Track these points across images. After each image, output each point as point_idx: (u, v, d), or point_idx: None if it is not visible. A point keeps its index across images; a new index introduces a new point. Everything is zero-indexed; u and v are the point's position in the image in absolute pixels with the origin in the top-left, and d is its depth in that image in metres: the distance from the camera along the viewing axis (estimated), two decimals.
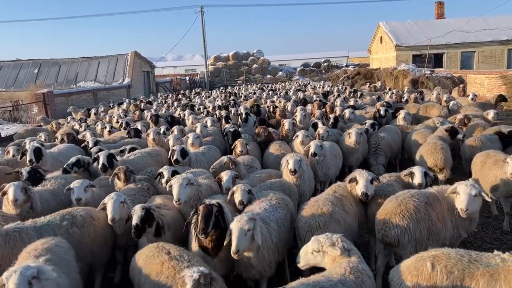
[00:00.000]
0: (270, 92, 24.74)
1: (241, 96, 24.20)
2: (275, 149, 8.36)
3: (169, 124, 12.54)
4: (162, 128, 10.53)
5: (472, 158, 7.29)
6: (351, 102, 15.43)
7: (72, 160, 7.11)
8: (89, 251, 4.80)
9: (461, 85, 18.77)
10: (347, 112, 11.88)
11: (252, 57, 61.82)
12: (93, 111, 17.99)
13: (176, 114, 15.07)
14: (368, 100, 16.55)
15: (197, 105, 18.58)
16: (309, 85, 32.75)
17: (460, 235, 4.82)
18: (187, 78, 54.05)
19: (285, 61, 76.87)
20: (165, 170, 6.07)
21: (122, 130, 11.79)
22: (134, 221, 4.51)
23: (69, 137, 9.98)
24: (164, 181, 5.91)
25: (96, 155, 7.11)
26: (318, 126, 9.53)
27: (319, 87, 28.24)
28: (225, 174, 5.86)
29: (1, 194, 5.41)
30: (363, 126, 9.79)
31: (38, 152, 7.64)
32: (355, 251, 3.75)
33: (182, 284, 3.30)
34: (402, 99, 16.29)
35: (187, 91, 36.11)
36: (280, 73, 58.52)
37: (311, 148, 7.39)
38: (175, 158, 7.23)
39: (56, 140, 10.71)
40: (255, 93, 25.67)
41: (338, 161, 8.32)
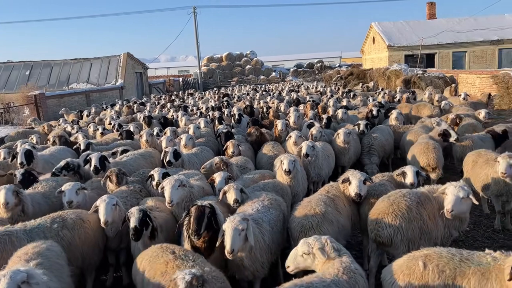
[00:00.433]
0: (264, 93, 24.75)
1: (235, 97, 24.17)
2: (268, 150, 8.35)
3: (162, 126, 12.48)
4: (155, 129, 10.48)
5: (464, 157, 7.34)
6: (344, 103, 15.48)
7: (61, 164, 7.01)
8: (79, 254, 4.75)
9: (453, 85, 18.92)
10: (340, 112, 11.92)
11: (245, 58, 61.88)
12: (85, 112, 17.87)
13: (169, 116, 15.01)
14: (359, 101, 16.63)
15: (190, 106, 18.54)
16: (302, 86, 32.80)
17: (451, 234, 4.84)
18: (181, 79, 53.87)
19: (278, 62, 77.05)
20: (155, 173, 6.03)
21: (115, 131, 11.72)
22: (132, 223, 4.46)
23: (60, 139, 9.90)
24: (155, 184, 5.87)
25: (88, 157, 7.05)
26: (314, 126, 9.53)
27: (312, 88, 28.30)
28: (218, 176, 5.84)
29: None
30: (355, 127, 9.81)
31: (29, 155, 7.57)
32: (344, 251, 3.76)
33: (174, 286, 3.27)
34: (395, 99, 16.37)
35: (180, 92, 36.01)
36: (274, 73, 58.62)
37: (303, 148, 7.39)
38: (167, 159, 7.20)
39: (48, 143, 10.62)
40: (248, 94, 25.66)
41: (331, 162, 8.33)
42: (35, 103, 23.11)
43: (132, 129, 10.99)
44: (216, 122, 12.03)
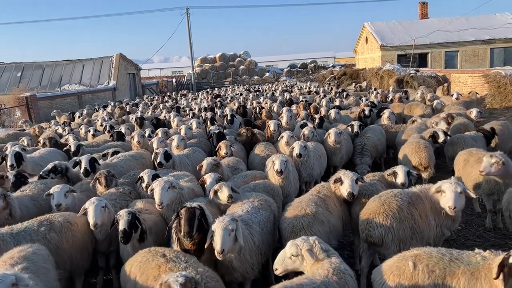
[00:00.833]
0: (257, 93, 24.72)
1: (228, 97, 24.11)
2: (260, 151, 8.31)
3: (154, 127, 12.40)
4: (147, 131, 10.41)
5: (455, 156, 7.35)
6: (336, 103, 15.49)
7: (48, 166, 6.89)
8: (67, 257, 4.68)
9: (445, 84, 18.99)
10: (332, 112, 11.91)
11: (239, 59, 61.89)
12: (77, 114, 17.72)
13: (161, 117, 14.94)
14: (352, 101, 16.66)
15: (183, 107, 18.46)
16: (295, 86, 32.82)
17: (443, 234, 4.84)
18: (174, 80, 53.70)
19: (272, 62, 77.22)
20: (145, 174, 5.97)
21: (106, 133, 11.63)
22: (121, 226, 4.39)
23: (51, 141, 9.80)
24: (144, 186, 5.82)
25: (78, 160, 6.96)
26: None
27: (306, 88, 28.32)
28: (208, 177, 5.79)
29: None
30: (349, 128, 9.79)
31: (18, 157, 7.47)
32: (333, 252, 3.74)
33: None
34: (387, 99, 16.42)
35: (174, 93, 35.89)
36: (267, 74, 58.68)
37: (296, 149, 7.36)
38: (158, 161, 7.14)
39: (38, 145, 10.51)
40: (241, 94, 25.62)
41: (323, 162, 8.31)
42: (26, 105, 22.89)
43: (123, 130, 10.90)
44: (208, 123, 11.98)
